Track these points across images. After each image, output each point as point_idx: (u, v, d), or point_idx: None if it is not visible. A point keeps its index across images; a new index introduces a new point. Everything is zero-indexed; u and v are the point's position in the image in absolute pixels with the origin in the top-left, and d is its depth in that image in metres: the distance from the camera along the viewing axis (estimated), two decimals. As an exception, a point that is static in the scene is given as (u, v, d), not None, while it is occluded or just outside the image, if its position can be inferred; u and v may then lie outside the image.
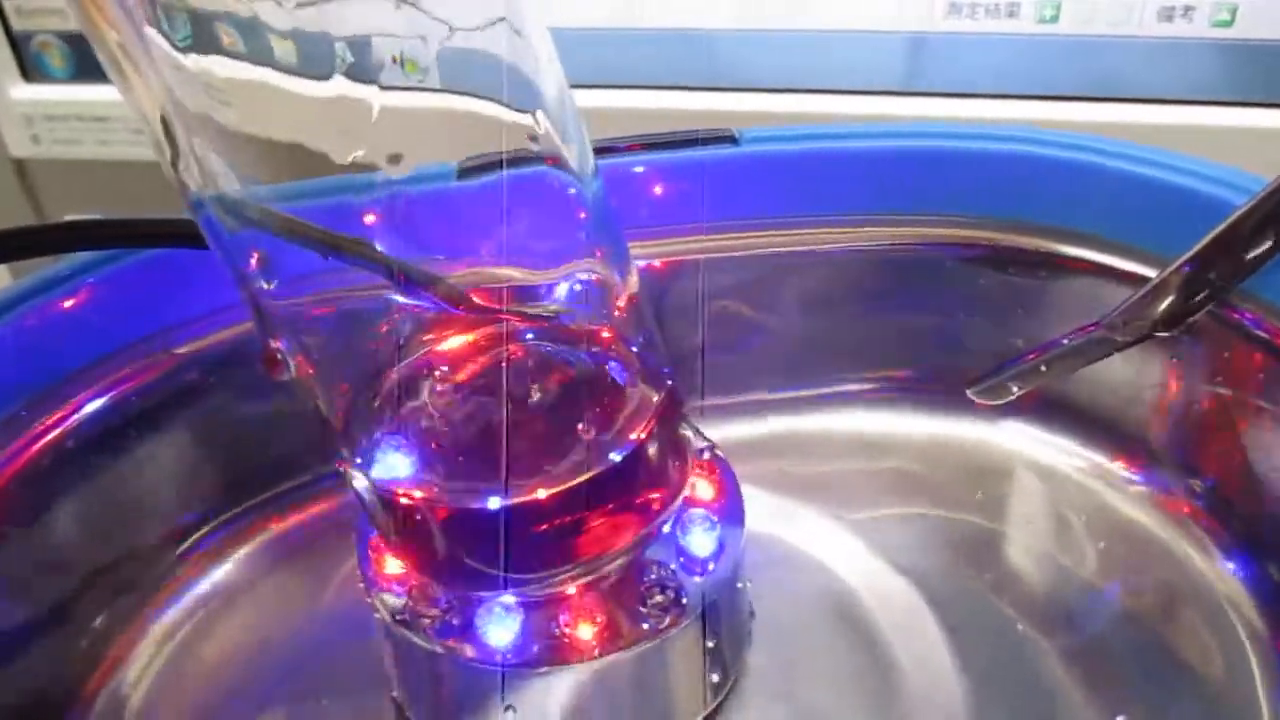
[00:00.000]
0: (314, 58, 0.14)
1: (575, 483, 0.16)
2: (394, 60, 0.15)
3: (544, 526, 0.17)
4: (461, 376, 0.17)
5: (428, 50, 0.15)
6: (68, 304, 0.20)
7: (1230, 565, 0.19)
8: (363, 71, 0.14)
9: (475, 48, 0.15)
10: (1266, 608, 0.18)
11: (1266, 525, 0.19)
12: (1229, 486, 0.19)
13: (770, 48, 0.32)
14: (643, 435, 0.17)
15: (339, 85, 0.15)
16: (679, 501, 0.18)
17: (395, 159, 0.15)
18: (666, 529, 0.18)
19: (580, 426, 0.16)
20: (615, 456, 0.16)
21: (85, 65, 0.36)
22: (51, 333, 0.20)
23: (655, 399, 0.17)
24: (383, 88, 0.15)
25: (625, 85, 0.33)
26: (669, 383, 0.18)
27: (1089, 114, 0.30)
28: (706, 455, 0.19)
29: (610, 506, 0.17)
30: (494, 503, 0.16)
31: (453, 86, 0.15)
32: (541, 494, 0.16)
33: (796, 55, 0.32)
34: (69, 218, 0.41)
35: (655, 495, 0.18)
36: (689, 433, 0.19)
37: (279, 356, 0.16)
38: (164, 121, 0.15)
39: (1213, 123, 0.29)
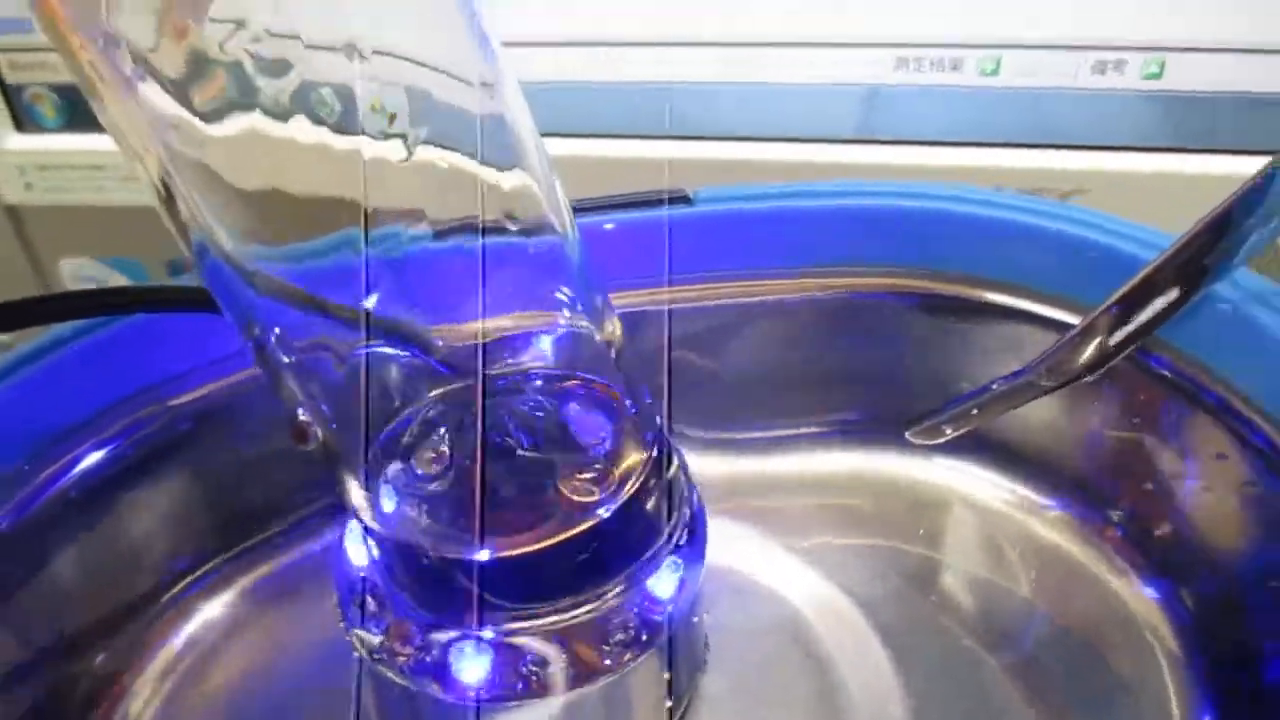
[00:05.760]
0: (305, 109, 0.15)
1: (568, 535, 0.17)
2: (373, 109, 0.16)
3: (533, 576, 0.18)
4: (458, 434, 0.18)
5: (407, 102, 0.16)
6: (66, 362, 0.22)
7: (1148, 590, 0.20)
8: (350, 123, 0.16)
9: (455, 103, 0.16)
10: (1180, 630, 0.20)
11: (1177, 554, 0.20)
12: (1144, 518, 0.21)
13: (731, 99, 0.33)
14: (634, 489, 0.18)
15: (324, 135, 0.16)
16: (665, 555, 0.19)
17: (393, 213, 0.17)
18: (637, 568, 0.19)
19: (575, 481, 0.18)
20: (603, 512, 0.18)
21: (77, 116, 0.37)
22: (52, 390, 0.22)
23: (648, 453, 0.19)
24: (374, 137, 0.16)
25: (589, 134, 0.34)
26: (663, 435, 0.19)
27: (1029, 160, 0.31)
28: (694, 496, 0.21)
29: (597, 559, 0.18)
30: (484, 554, 0.17)
31: (438, 140, 0.16)
32: (528, 548, 0.17)
33: (755, 107, 0.33)
34: (65, 259, 0.42)
35: (642, 546, 0.19)
36: (682, 479, 0.20)
37: (305, 427, 0.17)
38: (163, 182, 0.16)
39: (1145, 168, 0.31)
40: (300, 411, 0.17)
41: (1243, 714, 0.18)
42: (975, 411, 0.22)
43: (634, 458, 0.18)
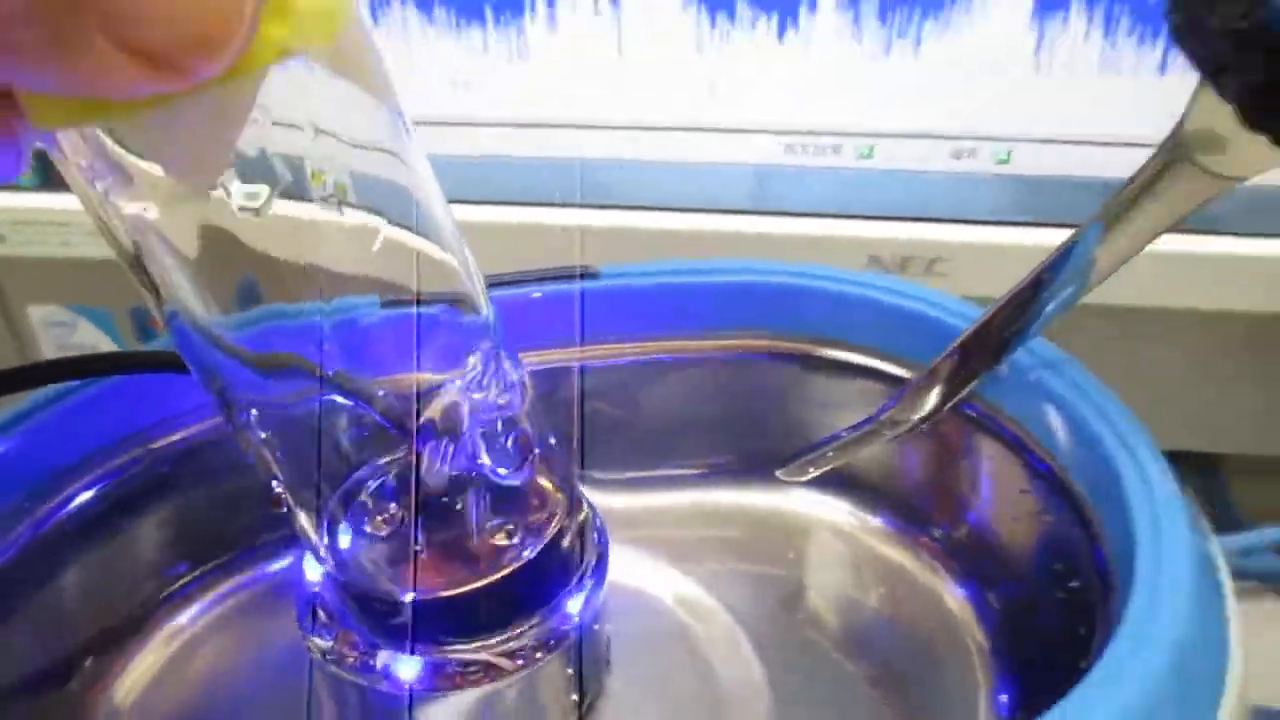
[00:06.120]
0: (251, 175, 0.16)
1: (492, 579, 0.21)
2: (312, 176, 0.17)
3: (461, 613, 0.21)
4: (395, 487, 0.22)
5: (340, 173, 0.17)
6: (59, 415, 0.25)
7: (962, 592, 0.25)
8: (300, 190, 0.17)
9: (381, 176, 0.18)
10: (986, 626, 0.24)
11: (984, 563, 0.25)
12: (959, 534, 0.25)
13: (638, 174, 0.37)
14: (550, 533, 0.21)
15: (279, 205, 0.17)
16: (578, 586, 0.22)
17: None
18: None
19: (492, 527, 0.21)
20: (525, 548, 0.21)
21: (50, 178, 0.40)
22: (46, 439, 0.25)
23: (560, 498, 0.22)
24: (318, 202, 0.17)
25: (504, 202, 0.37)
26: (572, 481, 0.22)
27: (900, 231, 0.35)
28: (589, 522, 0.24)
29: (516, 599, 0.21)
30: (422, 592, 0.21)
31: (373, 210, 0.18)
32: (455, 590, 0.21)
33: (660, 181, 0.36)
34: (33, 306, 0.44)
35: (557, 586, 0.22)
36: (579, 517, 0.23)
37: (280, 496, 0.21)
38: (134, 253, 0.17)
39: (998, 240, 0.35)
40: (274, 483, 0.21)
41: (1034, 691, 0.23)
42: (831, 454, 0.26)
43: (548, 509, 0.22)
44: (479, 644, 0.21)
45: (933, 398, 0.25)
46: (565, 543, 0.22)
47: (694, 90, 0.35)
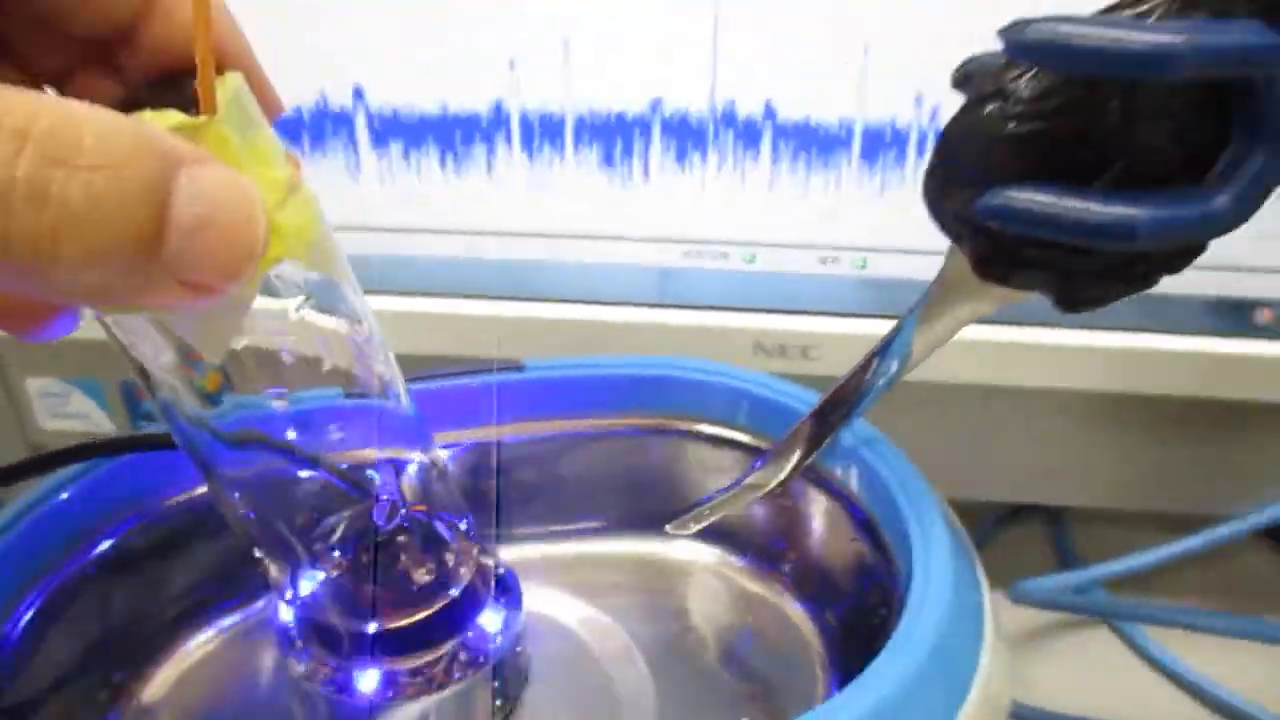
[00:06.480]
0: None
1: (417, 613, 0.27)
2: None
3: (398, 632, 0.27)
4: (344, 540, 0.27)
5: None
6: (84, 485, 0.30)
7: (804, 612, 0.32)
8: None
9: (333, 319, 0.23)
10: (824, 637, 0.31)
11: (821, 590, 0.32)
12: (801, 568, 0.32)
13: (555, 272, 0.42)
14: (463, 575, 0.27)
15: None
16: (484, 611, 0.28)
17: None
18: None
19: (419, 571, 0.28)
20: (449, 589, 0.27)
21: None
22: (74, 502, 0.30)
23: (471, 549, 0.28)
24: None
25: (432, 294, 0.43)
26: (477, 537, 0.28)
27: (779, 323, 0.42)
28: (501, 570, 0.31)
29: (439, 619, 0.27)
30: (372, 625, 0.27)
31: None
32: (397, 622, 0.27)
33: (575, 278, 0.42)
34: (31, 378, 0.49)
35: (471, 609, 0.28)
36: (491, 561, 0.30)
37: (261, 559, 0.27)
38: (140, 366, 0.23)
39: (858, 330, 0.42)
40: (255, 550, 0.27)
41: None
42: (708, 512, 0.33)
43: (468, 558, 0.28)
44: (420, 658, 0.28)
45: (786, 465, 0.32)
46: (480, 583, 0.28)
47: (610, 206, 0.42)
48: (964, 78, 0.25)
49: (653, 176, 0.41)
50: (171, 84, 0.22)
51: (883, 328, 0.45)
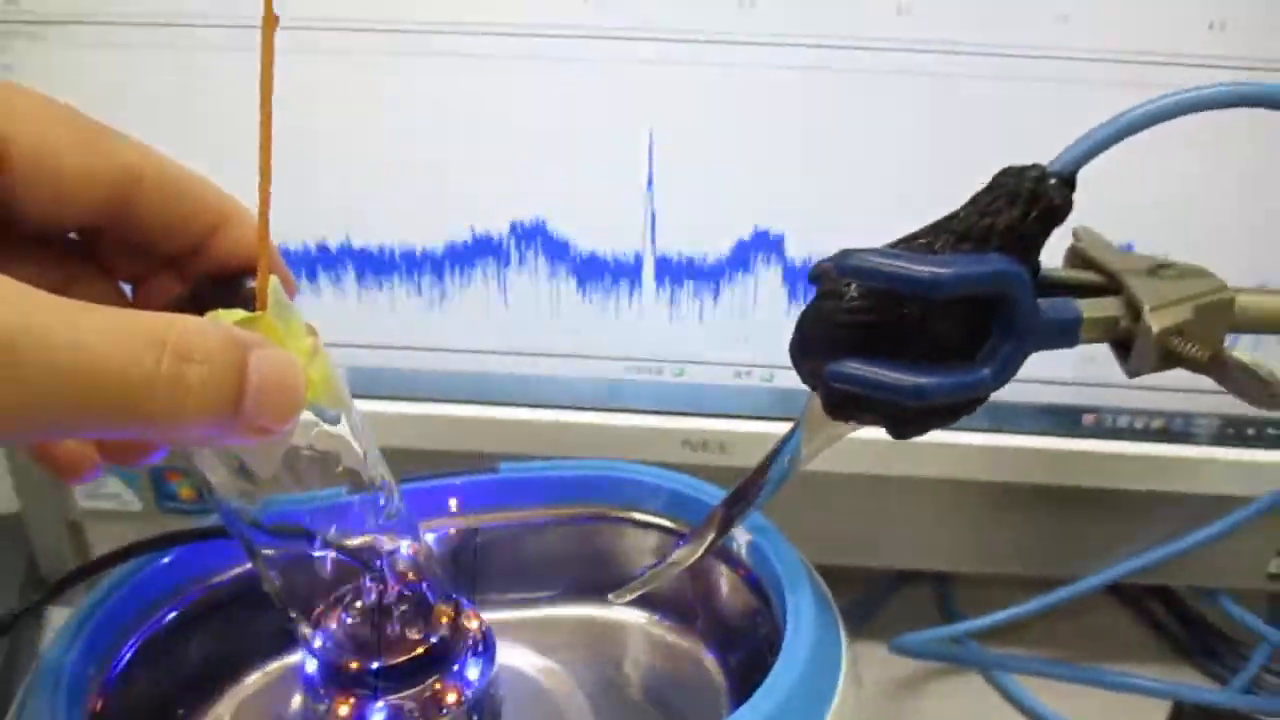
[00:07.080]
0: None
1: (412, 654, 0.34)
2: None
3: (396, 668, 0.35)
4: (353, 605, 0.35)
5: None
6: (151, 570, 0.38)
7: (712, 658, 0.41)
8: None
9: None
10: (726, 677, 0.40)
11: (725, 640, 0.40)
12: (710, 624, 0.41)
13: (527, 383, 0.51)
14: (444, 625, 0.35)
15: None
16: (465, 656, 0.37)
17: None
18: (456, 668, 0.37)
19: (410, 626, 0.36)
20: (433, 639, 0.35)
21: None
22: (142, 584, 0.38)
23: (448, 609, 0.37)
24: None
25: (409, 398, 0.51)
26: (461, 601, 0.38)
27: (703, 425, 0.50)
28: (483, 630, 0.40)
29: (426, 658, 0.34)
30: (375, 664, 0.34)
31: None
32: (395, 658, 0.34)
33: (543, 388, 0.51)
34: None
35: (453, 655, 0.36)
36: (474, 624, 0.38)
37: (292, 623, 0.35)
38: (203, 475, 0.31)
39: (764, 429, 0.50)
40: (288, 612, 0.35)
41: None
42: (640, 584, 0.42)
43: (448, 616, 0.36)
44: (413, 688, 0.35)
45: (701, 545, 0.40)
46: (460, 636, 0.36)
47: (567, 329, 0.51)
48: (816, 276, 0.35)
49: (602, 306, 0.51)
50: (227, 284, 0.31)
51: (786, 428, 0.56)
